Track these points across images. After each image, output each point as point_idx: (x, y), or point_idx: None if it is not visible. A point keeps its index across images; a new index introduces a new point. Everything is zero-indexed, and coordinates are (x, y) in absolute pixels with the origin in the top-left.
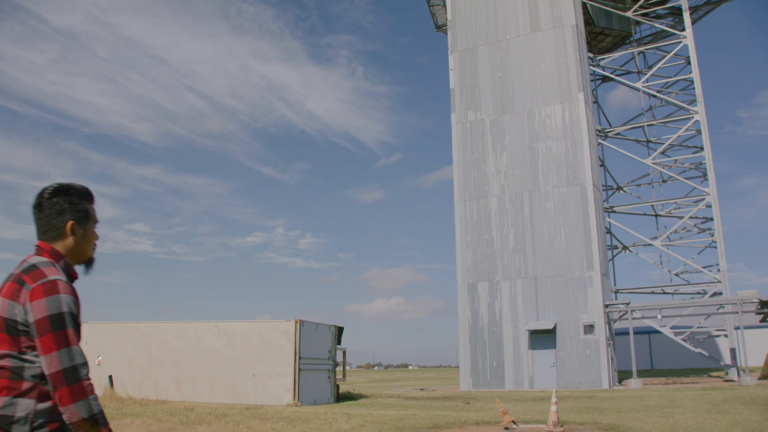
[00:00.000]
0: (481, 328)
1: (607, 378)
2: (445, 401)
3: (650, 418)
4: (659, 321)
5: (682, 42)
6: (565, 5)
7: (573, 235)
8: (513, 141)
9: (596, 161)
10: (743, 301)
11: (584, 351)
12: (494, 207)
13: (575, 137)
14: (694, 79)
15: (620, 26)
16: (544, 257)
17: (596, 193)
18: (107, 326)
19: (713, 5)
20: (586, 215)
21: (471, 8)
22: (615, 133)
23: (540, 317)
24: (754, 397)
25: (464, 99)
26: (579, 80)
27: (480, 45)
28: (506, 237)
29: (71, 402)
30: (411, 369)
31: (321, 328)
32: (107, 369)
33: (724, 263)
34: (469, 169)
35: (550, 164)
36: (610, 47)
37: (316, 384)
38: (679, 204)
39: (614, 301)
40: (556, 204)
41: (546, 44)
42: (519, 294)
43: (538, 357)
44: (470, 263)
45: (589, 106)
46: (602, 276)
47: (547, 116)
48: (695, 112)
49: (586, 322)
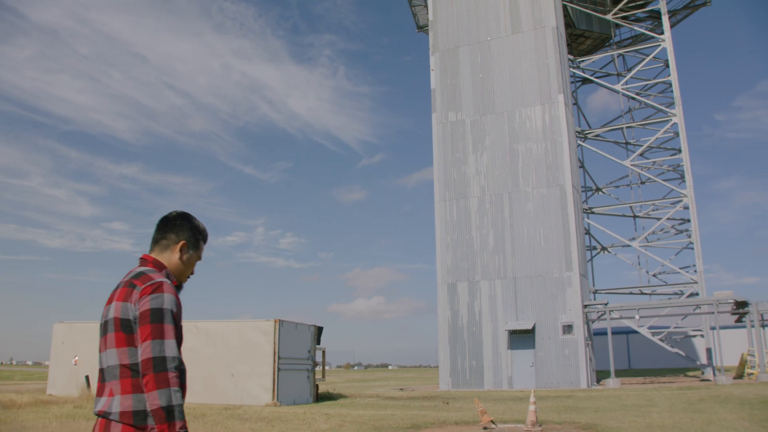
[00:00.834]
0: (461, 328)
1: (585, 378)
2: (424, 401)
3: (627, 417)
4: (637, 321)
5: (661, 45)
6: (546, 7)
7: (552, 235)
8: (493, 142)
9: (576, 163)
10: (719, 301)
11: (563, 351)
12: (474, 207)
13: (555, 139)
14: (672, 82)
15: (600, 29)
16: (523, 258)
17: (575, 195)
18: (85, 325)
19: (692, 9)
20: (566, 216)
21: (452, 9)
22: (594, 134)
23: (519, 317)
24: (729, 397)
25: (445, 99)
26: (559, 82)
27: (461, 46)
28: (486, 237)
29: (154, 389)
30: (391, 369)
31: (300, 327)
32: (84, 369)
33: (700, 264)
34: (450, 170)
35: (529, 165)
36: (590, 49)
37: (296, 384)
38: (657, 205)
39: (593, 301)
40: (536, 205)
41: (527, 46)
42: (498, 294)
43: (517, 357)
44: (450, 263)
45: (569, 108)
46: (581, 276)
47: (527, 117)
48: (673, 115)
49: (564, 323)
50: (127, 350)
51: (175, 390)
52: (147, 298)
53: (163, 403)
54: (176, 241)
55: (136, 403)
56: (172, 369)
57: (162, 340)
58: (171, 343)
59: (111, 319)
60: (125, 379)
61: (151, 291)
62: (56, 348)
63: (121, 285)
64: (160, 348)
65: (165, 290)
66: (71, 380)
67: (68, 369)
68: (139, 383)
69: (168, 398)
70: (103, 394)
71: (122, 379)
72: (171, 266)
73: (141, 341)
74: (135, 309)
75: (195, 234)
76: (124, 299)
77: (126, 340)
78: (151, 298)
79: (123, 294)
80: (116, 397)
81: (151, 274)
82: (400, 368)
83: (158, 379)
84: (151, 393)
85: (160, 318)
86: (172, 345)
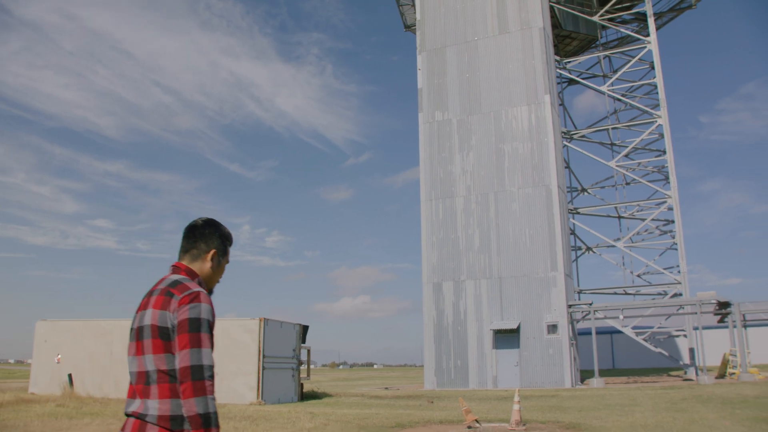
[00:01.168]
0: (446, 328)
1: (569, 377)
2: (409, 400)
3: (611, 416)
4: (621, 321)
5: (647, 47)
6: (533, 8)
7: (537, 235)
8: (480, 141)
9: (561, 163)
10: (702, 302)
11: (547, 350)
12: (460, 207)
13: (541, 139)
14: (657, 84)
15: (587, 30)
16: (508, 257)
17: (561, 195)
18: (68, 324)
19: (677, 12)
20: (551, 216)
21: (440, 9)
22: (580, 135)
23: (504, 317)
24: (711, 396)
25: (432, 99)
26: (545, 83)
27: (448, 45)
28: (472, 237)
29: (192, 396)
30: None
31: (285, 326)
32: (67, 367)
33: (684, 265)
34: (436, 169)
35: (515, 165)
36: (577, 51)
37: (280, 383)
38: (642, 206)
39: (577, 301)
40: (522, 205)
41: (513, 46)
42: (484, 294)
43: (501, 356)
44: (435, 263)
45: (555, 109)
46: (566, 276)
47: (513, 118)
48: (658, 117)
49: (549, 322)
50: (165, 357)
51: (211, 398)
52: (185, 307)
53: (201, 410)
54: (206, 250)
55: (174, 408)
56: (209, 377)
57: (199, 349)
58: (207, 352)
59: (148, 326)
60: (163, 384)
61: (189, 301)
62: (39, 346)
63: (157, 293)
64: (197, 357)
65: (202, 300)
66: (54, 379)
67: (51, 367)
68: (177, 388)
69: (205, 406)
70: (136, 396)
71: (160, 383)
72: (202, 274)
73: (179, 349)
74: (173, 318)
75: (224, 241)
76: (162, 307)
77: (164, 347)
78: (189, 307)
79: (160, 302)
80: (153, 400)
81: (187, 284)
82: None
83: (196, 387)
84: (188, 400)
85: (197, 327)
86: (208, 354)
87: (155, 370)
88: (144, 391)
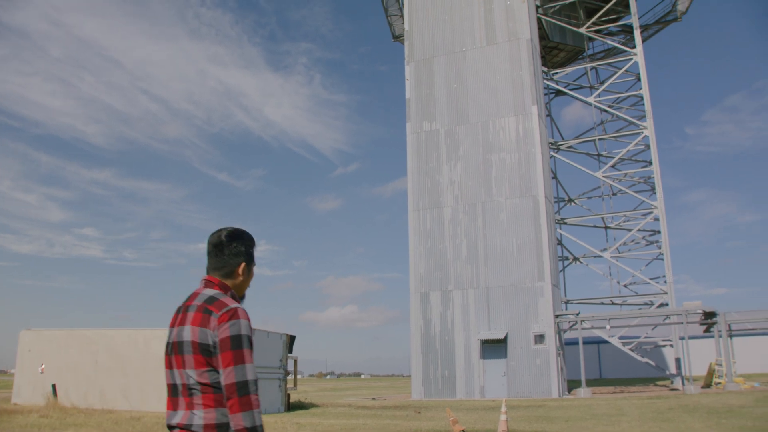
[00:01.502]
0: (433, 338)
1: (556, 387)
2: (396, 410)
3: (598, 426)
4: (608, 331)
5: (633, 59)
6: (521, 19)
7: (525, 245)
8: (467, 152)
9: (548, 173)
10: (688, 312)
11: (534, 360)
12: (448, 217)
13: (528, 149)
14: (643, 95)
15: (574, 42)
16: (496, 267)
17: (548, 205)
18: (52, 333)
19: (663, 24)
20: (538, 226)
21: (428, 19)
22: (567, 146)
23: (491, 327)
24: (697, 406)
25: (420, 109)
26: (533, 93)
27: (436, 56)
28: (459, 247)
29: (239, 411)
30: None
31: (272, 336)
32: (51, 377)
33: (670, 275)
34: (424, 179)
35: (503, 175)
36: (564, 62)
37: (267, 393)
38: (628, 217)
39: (564, 311)
40: (509, 215)
41: (501, 57)
42: (471, 304)
43: (489, 366)
44: (423, 272)
45: (542, 119)
46: (553, 286)
47: (501, 128)
48: (644, 128)
49: (536, 332)
50: (207, 372)
51: (258, 411)
52: (225, 325)
53: (248, 424)
54: (236, 265)
55: (219, 417)
56: (254, 392)
57: (243, 365)
58: (250, 367)
59: (188, 342)
60: (207, 394)
61: (228, 318)
62: (22, 356)
63: (194, 309)
64: (242, 373)
65: (240, 316)
66: (37, 389)
67: (34, 377)
68: (221, 398)
69: (252, 419)
70: (179, 408)
71: (204, 394)
72: (234, 286)
73: (223, 367)
74: (214, 335)
75: (249, 249)
76: (201, 324)
77: (205, 362)
78: (229, 325)
79: (199, 319)
80: (198, 410)
81: (223, 300)
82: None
83: (242, 402)
84: (236, 415)
85: (239, 344)
86: (251, 369)
87: (197, 383)
88: (188, 402)
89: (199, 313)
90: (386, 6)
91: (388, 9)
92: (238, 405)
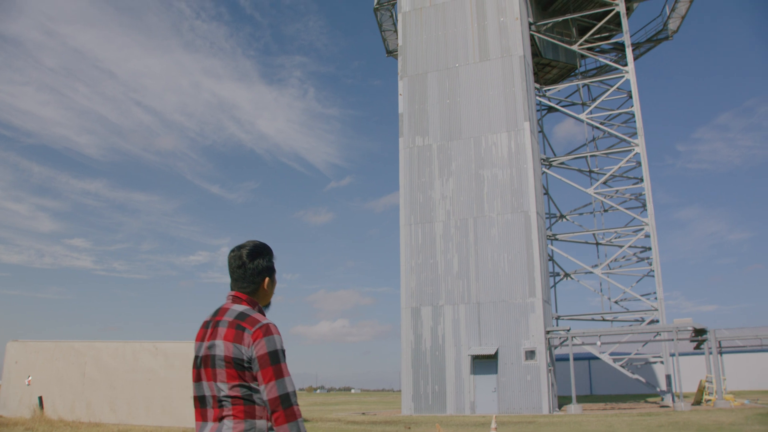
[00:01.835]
0: (424, 353)
1: (547, 403)
2: (386, 426)
3: None
4: (598, 347)
5: (625, 77)
6: (514, 36)
7: (516, 261)
8: (459, 167)
9: (540, 189)
10: (678, 328)
11: (525, 376)
12: (439, 232)
13: (520, 165)
14: (635, 112)
15: (566, 59)
16: (487, 283)
17: (540, 221)
18: (39, 344)
19: (655, 43)
20: (530, 242)
21: (422, 35)
22: (559, 162)
23: (482, 342)
24: (688, 423)
25: (412, 124)
26: (525, 110)
27: (429, 71)
28: (450, 262)
29: (285, 422)
30: (354, 392)
31: None
32: (38, 389)
33: (661, 292)
34: (416, 194)
35: (495, 191)
36: (556, 79)
37: None
38: (619, 233)
39: (555, 327)
40: (501, 230)
41: (494, 73)
42: (462, 319)
43: (479, 382)
44: (414, 287)
45: (534, 136)
46: (544, 302)
47: (493, 144)
48: (636, 145)
49: (527, 348)
50: (239, 386)
51: (301, 420)
52: (261, 342)
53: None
54: (261, 281)
55: (248, 427)
56: (295, 402)
57: (283, 379)
58: (289, 380)
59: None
60: (237, 406)
61: (262, 335)
62: (9, 367)
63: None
64: (283, 386)
65: (273, 332)
66: (24, 401)
67: (21, 389)
68: (250, 410)
69: (297, 429)
70: (208, 419)
71: (234, 406)
72: (260, 299)
73: (264, 382)
74: (249, 351)
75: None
76: (235, 340)
77: (237, 376)
78: (265, 341)
79: (232, 335)
80: (228, 421)
81: (254, 316)
82: (363, 392)
83: (287, 414)
84: (282, 427)
85: (277, 359)
86: (290, 381)
87: (228, 396)
88: (217, 414)
89: (232, 328)
90: (380, 21)
91: (382, 24)
92: (283, 417)
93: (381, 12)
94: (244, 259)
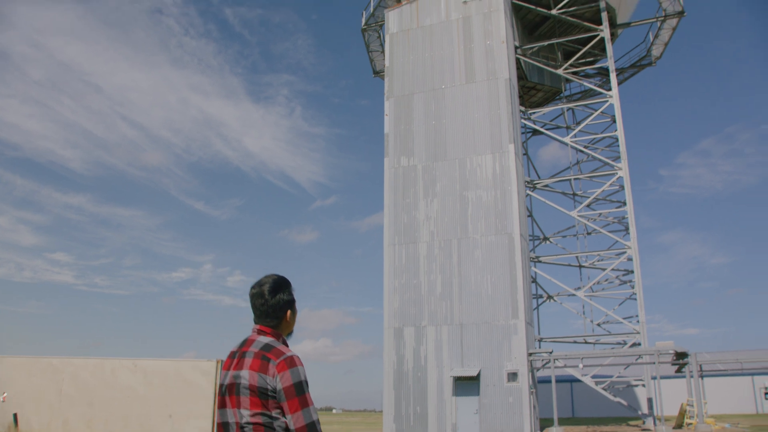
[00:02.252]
0: (406, 374)
1: (529, 426)
2: None
3: None
4: (581, 370)
5: (609, 101)
6: (500, 59)
7: (499, 283)
8: (444, 188)
9: (524, 212)
10: (660, 351)
11: (507, 398)
12: (423, 253)
13: (505, 187)
14: (618, 137)
15: (551, 83)
16: (470, 304)
17: (523, 243)
18: (15, 360)
19: (638, 68)
20: (513, 264)
21: (408, 56)
22: (543, 185)
23: (465, 364)
24: None
25: (398, 144)
26: (510, 132)
27: (416, 92)
28: (434, 283)
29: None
30: (335, 413)
31: None
32: (13, 407)
33: (643, 315)
34: (400, 214)
35: (479, 213)
36: (541, 102)
37: None
38: (602, 256)
39: (538, 349)
40: (484, 252)
41: (480, 95)
42: (444, 340)
43: (461, 404)
44: (397, 308)
45: (519, 158)
46: (527, 324)
47: (478, 165)
48: (619, 169)
49: (509, 370)
50: (261, 414)
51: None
52: (287, 373)
53: None
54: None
55: None
56: (320, 430)
57: (308, 408)
58: (313, 409)
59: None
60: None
61: (287, 367)
62: None
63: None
64: (308, 416)
65: (297, 363)
66: None
67: None
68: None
69: None
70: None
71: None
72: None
73: (291, 412)
74: (274, 381)
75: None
76: (260, 370)
77: (261, 404)
78: (290, 373)
79: (258, 365)
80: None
81: (279, 348)
82: (345, 412)
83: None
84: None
85: (302, 390)
86: (314, 410)
87: (250, 422)
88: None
89: (258, 359)
90: (368, 42)
91: (369, 45)
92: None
93: (369, 32)
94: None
